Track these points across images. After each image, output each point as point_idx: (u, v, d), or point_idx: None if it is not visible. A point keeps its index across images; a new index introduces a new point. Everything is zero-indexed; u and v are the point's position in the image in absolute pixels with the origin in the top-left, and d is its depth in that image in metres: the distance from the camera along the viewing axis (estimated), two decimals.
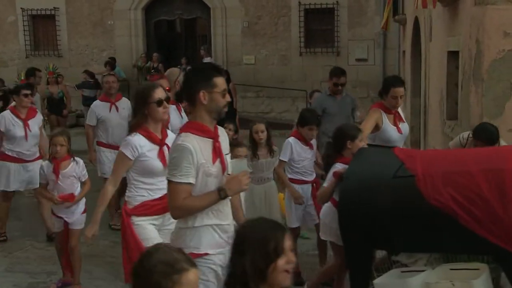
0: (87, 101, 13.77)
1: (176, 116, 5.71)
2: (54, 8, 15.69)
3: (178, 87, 5.66)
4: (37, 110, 6.62)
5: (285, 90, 14.60)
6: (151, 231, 3.77)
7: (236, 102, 11.95)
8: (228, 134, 4.97)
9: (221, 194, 2.97)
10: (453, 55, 6.85)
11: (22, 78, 11.04)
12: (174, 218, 3.08)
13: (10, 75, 15.61)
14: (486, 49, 5.62)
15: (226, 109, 3.09)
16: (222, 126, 4.96)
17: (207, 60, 14.84)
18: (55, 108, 11.51)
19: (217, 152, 3.03)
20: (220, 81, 3.03)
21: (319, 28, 14.87)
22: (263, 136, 5.17)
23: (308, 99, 7.22)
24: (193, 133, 2.99)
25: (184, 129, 3.06)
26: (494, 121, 5.37)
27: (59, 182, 4.94)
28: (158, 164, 3.76)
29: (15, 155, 6.27)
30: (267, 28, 15.01)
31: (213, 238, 3.04)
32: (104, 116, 6.56)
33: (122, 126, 6.35)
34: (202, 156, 2.96)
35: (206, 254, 3.02)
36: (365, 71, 14.49)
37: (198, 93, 2.99)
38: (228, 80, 12.16)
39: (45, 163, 5.04)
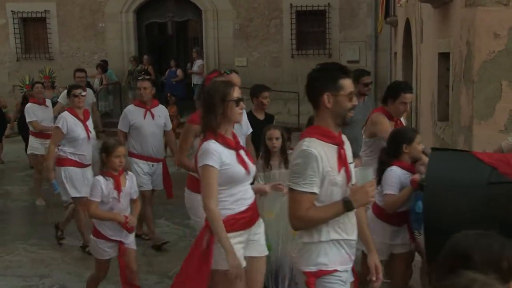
0: None
1: None
2: (45, 11, 15.64)
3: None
4: (89, 111, 6.36)
5: (277, 92, 14.57)
6: (237, 253, 3.32)
7: None
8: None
9: (347, 206, 2.73)
10: (444, 57, 6.89)
11: (27, 83, 10.97)
12: (295, 229, 2.85)
13: (1, 78, 15.59)
14: (476, 50, 5.65)
15: (351, 114, 2.85)
16: None
17: (198, 62, 14.86)
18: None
19: (342, 160, 2.81)
20: (346, 83, 2.81)
21: (310, 30, 14.90)
22: (277, 143, 4.65)
23: None
24: (317, 139, 2.76)
25: (308, 133, 2.83)
26: (484, 122, 5.41)
27: (121, 200, 4.32)
28: (240, 170, 3.36)
29: (77, 159, 5.86)
30: (259, 30, 15.02)
31: (340, 254, 2.83)
32: (138, 123, 5.93)
33: (157, 136, 5.99)
34: (328, 164, 2.74)
35: (335, 270, 2.81)
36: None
37: (322, 95, 2.78)
38: None
39: (101, 178, 4.30)
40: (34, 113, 8.02)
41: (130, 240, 4.41)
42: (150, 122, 5.94)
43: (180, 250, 6.02)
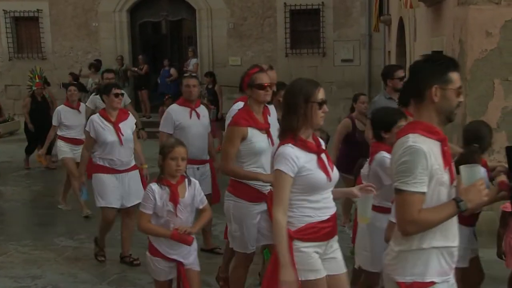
0: None
1: None
2: (38, 10, 15.56)
3: None
4: (128, 112, 5.77)
5: None
6: (317, 262, 3.11)
7: (222, 105, 11.93)
8: None
9: (460, 206, 2.49)
10: None
11: (37, 81, 10.74)
12: (406, 234, 2.55)
13: None
14: (469, 49, 5.67)
15: (456, 112, 2.64)
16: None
17: (193, 61, 14.83)
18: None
19: (446, 158, 2.57)
20: (455, 77, 2.58)
21: (304, 29, 14.89)
22: None
23: (354, 104, 6.24)
24: (421, 134, 2.53)
25: (410, 129, 2.59)
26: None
27: (178, 214, 3.69)
28: (321, 176, 3.10)
29: (106, 164, 5.40)
30: (253, 29, 15.01)
31: (439, 264, 2.57)
32: (184, 123, 5.45)
33: (203, 137, 5.54)
34: (435, 161, 2.51)
35: (432, 283, 2.57)
36: (351, 71, 14.54)
37: (430, 88, 2.54)
38: (214, 82, 12.21)
39: (155, 186, 3.67)
40: (65, 117, 7.52)
41: (191, 259, 3.80)
42: (196, 122, 5.51)
43: None
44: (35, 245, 6.20)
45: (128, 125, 5.51)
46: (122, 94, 5.58)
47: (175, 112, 5.53)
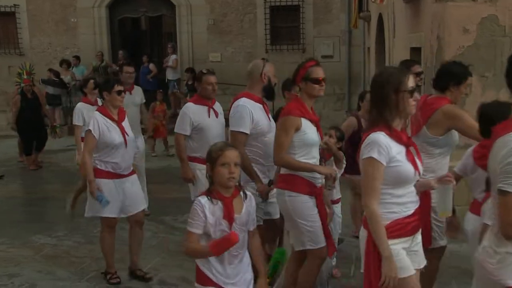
0: (52, 101, 13.56)
1: (263, 117, 4.50)
2: (14, 5, 15.34)
3: (266, 80, 4.45)
4: (125, 110, 5.15)
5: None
6: (406, 259, 2.96)
7: None
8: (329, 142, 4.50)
9: None
10: (416, 52, 6.96)
11: (26, 77, 10.20)
12: (509, 238, 2.42)
13: None
14: (446, 45, 5.73)
15: None
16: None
17: (172, 57, 14.76)
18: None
19: None
20: None
21: (284, 25, 14.92)
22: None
23: (360, 103, 5.90)
24: None
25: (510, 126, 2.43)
26: None
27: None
28: (410, 169, 2.94)
29: (109, 169, 4.83)
30: (233, 26, 14.99)
31: None
32: (202, 123, 5.14)
33: (221, 136, 5.12)
34: None
35: None
36: (331, 68, 14.55)
37: None
38: (194, 78, 12.15)
39: (204, 200, 3.01)
40: (88, 116, 6.20)
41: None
42: (215, 121, 5.21)
43: (154, 246, 5.98)
44: (12, 243, 6.13)
45: (127, 125, 5.00)
46: (125, 91, 5.10)
47: (193, 111, 5.17)
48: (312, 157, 3.97)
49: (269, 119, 4.56)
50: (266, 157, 4.40)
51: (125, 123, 4.97)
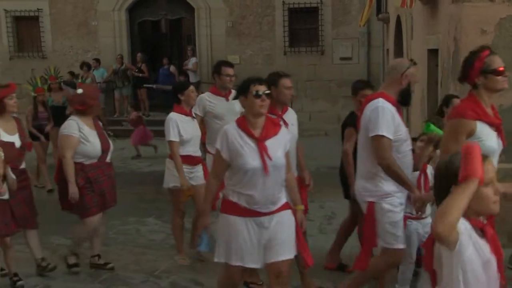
0: None
1: (402, 123, 3.90)
2: (38, 9, 15.58)
3: (405, 83, 3.88)
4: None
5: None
6: None
7: None
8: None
9: None
10: (433, 53, 6.88)
11: (52, 74, 9.79)
12: None
13: None
14: (463, 46, 5.64)
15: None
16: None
17: (192, 60, 14.83)
18: (59, 119, 8.08)
19: None
20: None
21: (303, 27, 14.88)
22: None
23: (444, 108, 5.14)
24: None
25: None
26: None
27: None
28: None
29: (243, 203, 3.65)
30: (252, 28, 15.00)
31: None
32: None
33: (293, 152, 4.32)
34: None
35: None
36: (349, 69, 14.51)
37: None
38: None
39: None
40: (183, 128, 5.28)
41: None
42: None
43: (168, 248, 5.99)
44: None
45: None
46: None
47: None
48: None
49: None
50: (404, 168, 3.82)
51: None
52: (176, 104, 5.38)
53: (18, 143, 4.91)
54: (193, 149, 5.38)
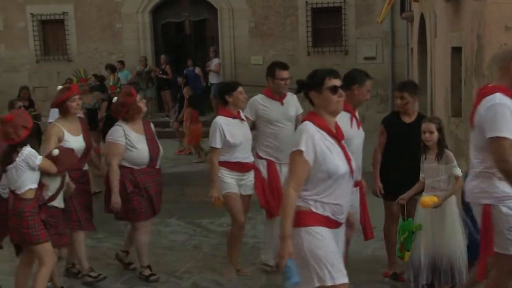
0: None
1: None
2: (63, 13, 15.80)
3: None
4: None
5: (293, 90, 14.49)
6: None
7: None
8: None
9: None
10: (457, 51, 6.77)
11: (82, 76, 9.69)
12: None
13: (21, 80, 15.77)
14: (487, 44, 5.54)
15: None
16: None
17: (215, 61, 14.87)
18: (91, 121, 8.16)
19: None
20: None
21: (326, 27, 14.80)
22: (430, 138, 4.43)
23: None
24: None
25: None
26: None
27: None
28: None
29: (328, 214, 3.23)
30: (275, 28, 14.98)
31: None
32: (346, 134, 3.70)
33: (360, 152, 4.37)
34: None
35: None
36: (373, 69, 14.30)
37: None
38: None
39: None
40: (229, 132, 4.87)
41: None
42: (357, 133, 4.39)
43: (189, 249, 6.02)
44: None
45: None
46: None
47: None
48: None
49: None
50: None
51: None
52: (222, 106, 4.98)
53: (81, 144, 4.87)
54: (243, 155, 4.94)
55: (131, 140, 4.92)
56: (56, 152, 4.32)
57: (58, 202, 4.47)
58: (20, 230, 4.20)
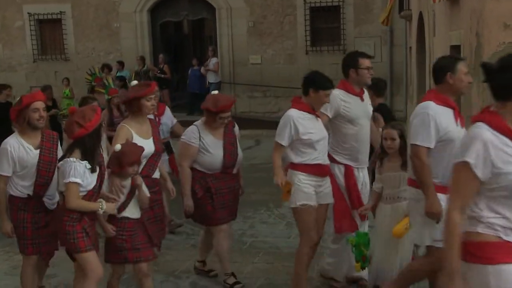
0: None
1: None
2: (60, 12, 15.77)
3: None
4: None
5: (292, 89, 14.48)
6: None
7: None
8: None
9: None
10: (456, 50, 6.75)
11: (98, 75, 9.00)
12: None
13: (19, 79, 15.76)
14: (486, 42, 5.53)
15: None
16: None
17: (213, 61, 14.85)
18: None
19: None
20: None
21: (325, 26, 14.80)
22: (392, 145, 4.19)
23: None
24: None
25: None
26: None
27: None
28: None
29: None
30: (273, 28, 14.96)
31: None
32: (451, 132, 3.63)
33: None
34: None
35: None
36: (372, 68, 14.37)
37: None
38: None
39: None
40: (304, 127, 4.24)
41: None
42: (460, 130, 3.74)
43: (187, 248, 5.98)
44: None
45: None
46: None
47: (437, 113, 3.63)
48: None
49: None
50: None
51: None
52: (298, 98, 4.38)
53: (151, 148, 4.30)
54: (323, 156, 4.31)
55: (205, 144, 4.60)
56: (118, 147, 3.95)
57: (131, 212, 4.05)
58: (60, 235, 3.97)
